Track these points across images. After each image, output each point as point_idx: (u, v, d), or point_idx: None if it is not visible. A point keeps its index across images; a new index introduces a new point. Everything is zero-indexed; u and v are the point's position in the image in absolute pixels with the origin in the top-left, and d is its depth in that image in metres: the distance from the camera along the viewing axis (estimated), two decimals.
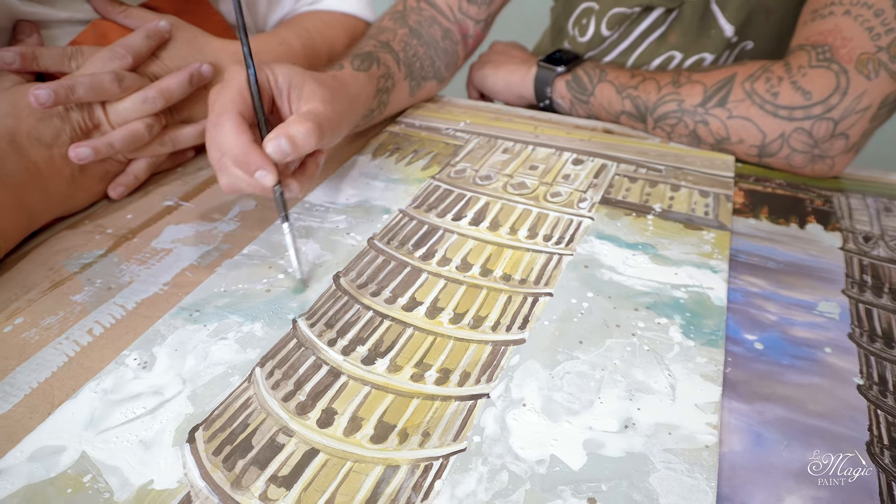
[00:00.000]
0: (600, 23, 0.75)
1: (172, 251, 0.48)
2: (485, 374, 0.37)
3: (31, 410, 0.35)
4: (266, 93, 0.46)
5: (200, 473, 0.31)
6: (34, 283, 0.44)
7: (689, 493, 0.31)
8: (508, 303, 0.43)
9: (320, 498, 0.30)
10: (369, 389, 0.36)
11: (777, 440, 0.34)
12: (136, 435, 0.33)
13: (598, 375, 0.37)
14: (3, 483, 0.31)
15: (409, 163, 0.60)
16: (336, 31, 0.71)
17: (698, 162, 0.61)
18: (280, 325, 0.40)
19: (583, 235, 0.50)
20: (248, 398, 0.36)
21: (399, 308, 0.42)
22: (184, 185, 0.56)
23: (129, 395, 0.35)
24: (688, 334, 0.40)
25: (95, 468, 0.32)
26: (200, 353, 0.38)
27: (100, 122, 0.50)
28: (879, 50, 0.55)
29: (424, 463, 0.32)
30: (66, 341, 0.39)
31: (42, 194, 0.47)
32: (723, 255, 0.48)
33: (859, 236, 0.51)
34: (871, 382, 0.38)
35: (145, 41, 0.52)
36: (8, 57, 0.48)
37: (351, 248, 0.48)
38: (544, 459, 0.32)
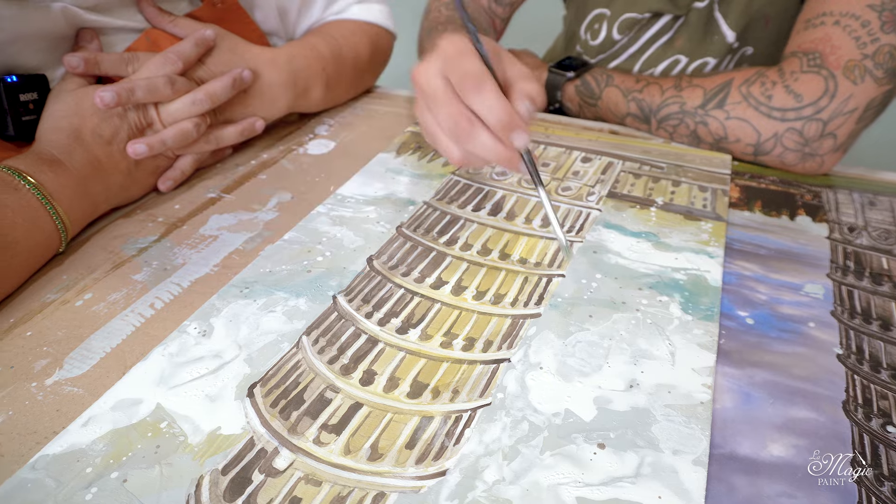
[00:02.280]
0: (612, 27, 0.81)
1: (219, 237, 0.53)
2: (506, 342, 0.42)
3: (108, 371, 0.40)
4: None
5: (261, 422, 0.36)
6: (97, 265, 0.49)
7: (685, 440, 0.36)
8: (525, 282, 0.48)
9: (366, 442, 0.35)
10: (404, 354, 0.41)
11: (764, 398, 0.39)
12: (202, 390, 0.38)
13: (606, 344, 0.42)
14: (92, 427, 0.35)
15: (431, 160, 0.65)
16: (360, 39, 0.76)
17: (697, 160, 0.66)
18: (322, 300, 0.45)
19: (591, 225, 0.54)
20: (297, 361, 0.40)
21: (427, 286, 0.47)
22: (224, 180, 0.61)
23: (193, 358, 0.40)
24: (686, 310, 0.45)
25: (170, 416, 0.36)
26: (252, 323, 0.43)
27: (153, 121, 0.55)
28: (865, 57, 0.60)
29: (455, 415, 0.37)
30: (132, 314, 0.44)
31: (103, 185, 0.52)
32: (719, 242, 0.52)
33: (845, 227, 0.56)
34: (850, 352, 0.42)
35: (193, 48, 0.57)
36: (73, 61, 0.53)
37: (381, 235, 0.52)
38: (559, 412, 0.37)
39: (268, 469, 0.33)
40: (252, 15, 0.68)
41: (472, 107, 0.44)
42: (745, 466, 0.35)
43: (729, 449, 0.36)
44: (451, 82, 0.45)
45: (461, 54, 0.45)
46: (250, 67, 0.61)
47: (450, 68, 0.45)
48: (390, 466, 0.34)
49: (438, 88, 0.45)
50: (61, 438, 0.35)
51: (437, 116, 0.46)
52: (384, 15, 0.79)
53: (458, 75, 0.44)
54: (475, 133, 0.44)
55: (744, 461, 0.35)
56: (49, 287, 0.47)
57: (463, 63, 0.44)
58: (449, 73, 0.45)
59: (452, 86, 0.45)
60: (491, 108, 0.43)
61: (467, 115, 0.44)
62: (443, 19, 0.69)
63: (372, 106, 0.79)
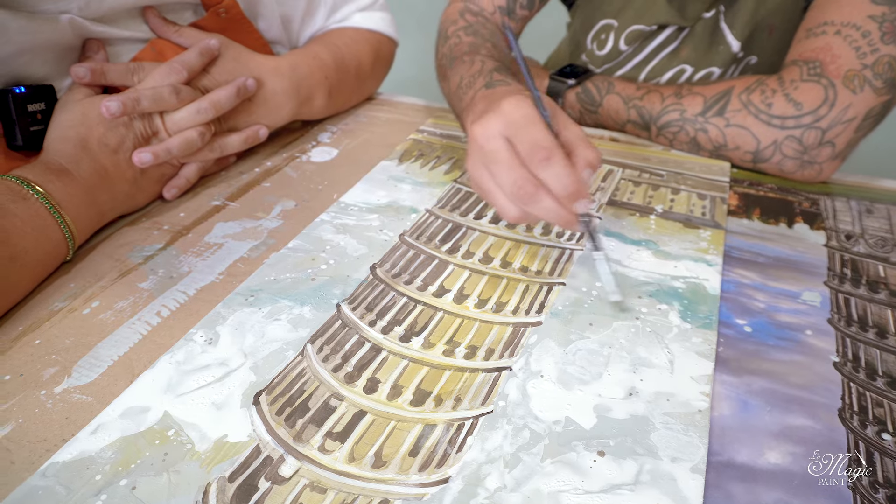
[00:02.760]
0: (619, 38, 0.81)
1: (224, 245, 0.53)
2: (507, 351, 0.43)
3: (115, 378, 0.40)
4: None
5: (266, 429, 0.37)
6: (104, 273, 0.50)
7: (684, 448, 0.36)
8: (526, 291, 0.48)
9: (370, 450, 0.36)
10: (407, 363, 0.42)
11: (761, 406, 0.40)
12: (208, 398, 0.39)
13: (606, 352, 0.43)
14: (101, 435, 0.36)
15: (433, 168, 0.65)
16: (362, 46, 0.77)
17: (697, 168, 0.66)
18: (326, 308, 0.46)
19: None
20: (302, 369, 0.41)
21: (430, 294, 0.48)
22: (228, 188, 0.62)
23: (200, 366, 0.41)
24: (685, 318, 0.46)
25: (177, 424, 0.37)
26: (258, 331, 0.44)
27: (158, 130, 0.56)
28: (865, 67, 0.61)
29: (458, 422, 0.38)
30: (139, 322, 0.45)
31: (109, 194, 0.53)
32: (718, 250, 0.53)
33: (842, 235, 0.56)
34: (846, 360, 0.43)
35: (198, 58, 0.58)
36: (80, 72, 0.54)
37: (384, 243, 0.53)
38: (560, 420, 0.38)
39: (274, 476, 0.34)
40: (256, 24, 0.69)
41: (539, 175, 0.45)
42: (742, 474, 0.35)
43: (727, 456, 0.36)
44: (513, 145, 0.46)
45: (528, 121, 0.46)
46: (254, 76, 0.62)
47: (515, 133, 0.46)
48: (394, 474, 0.35)
49: (501, 150, 0.46)
50: (71, 446, 0.35)
51: (498, 178, 0.47)
52: (386, 23, 0.80)
53: (528, 144, 0.45)
54: (539, 198, 0.45)
55: (741, 468, 0.36)
56: (57, 295, 0.47)
57: (531, 132, 0.45)
58: (513, 137, 0.46)
59: (515, 149, 0.46)
60: (559, 178, 0.45)
61: (532, 182, 0.45)
62: (465, 47, 0.69)
63: (374, 113, 0.80)
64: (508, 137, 0.46)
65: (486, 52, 0.66)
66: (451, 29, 0.75)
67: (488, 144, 0.47)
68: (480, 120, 0.48)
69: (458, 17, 0.76)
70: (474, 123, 0.49)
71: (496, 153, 0.46)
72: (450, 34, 0.74)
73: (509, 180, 0.46)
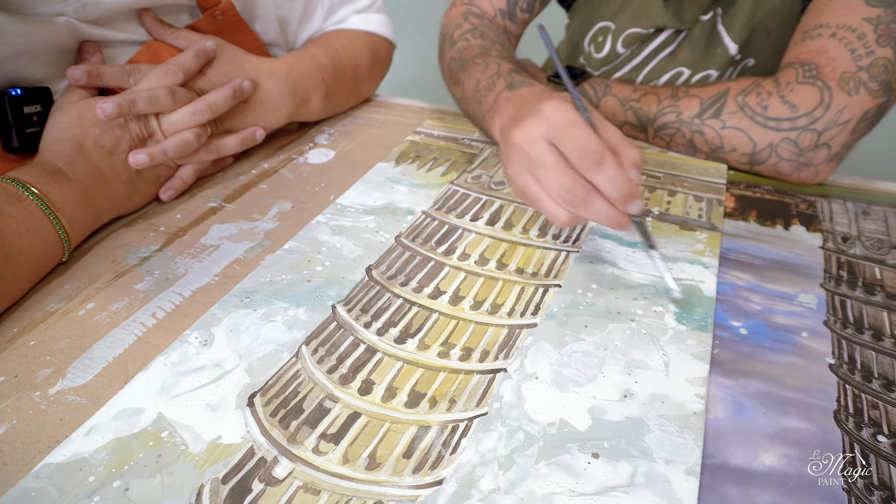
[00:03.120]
0: (616, 41, 0.81)
1: (220, 247, 0.53)
2: (502, 352, 0.43)
3: (110, 380, 0.40)
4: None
5: (260, 431, 0.37)
6: (100, 274, 0.50)
7: (678, 450, 0.36)
8: (522, 292, 0.48)
9: (364, 451, 0.36)
10: (402, 364, 0.42)
11: (756, 409, 0.39)
12: (203, 399, 0.39)
13: (602, 354, 0.43)
14: (94, 436, 0.36)
15: (430, 169, 0.65)
16: (360, 48, 0.77)
17: (693, 170, 0.66)
18: (321, 310, 0.46)
19: (588, 235, 0.55)
20: (297, 371, 0.41)
21: (425, 296, 0.47)
22: (225, 189, 0.62)
23: (194, 368, 0.41)
24: (680, 320, 0.46)
25: (171, 426, 0.37)
26: (253, 333, 0.44)
27: (154, 132, 0.56)
28: (860, 70, 0.61)
29: (452, 424, 0.38)
30: (134, 323, 0.45)
31: (105, 195, 0.53)
32: (714, 252, 0.53)
33: (838, 237, 0.56)
34: (842, 362, 0.43)
35: (194, 59, 0.58)
36: (76, 74, 0.54)
37: (380, 245, 0.53)
38: (554, 422, 0.38)
39: (267, 478, 0.34)
40: (252, 26, 0.69)
41: (591, 179, 0.45)
42: (737, 476, 0.35)
43: (721, 459, 0.36)
44: (559, 150, 0.46)
45: (573, 125, 0.46)
46: (250, 78, 0.62)
47: (561, 138, 0.46)
48: (388, 475, 0.35)
49: (547, 156, 0.46)
50: (64, 447, 0.35)
51: (546, 182, 0.47)
52: (383, 25, 0.80)
53: (577, 149, 0.45)
54: (591, 202, 0.45)
55: (736, 471, 0.36)
56: (52, 296, 0.47)
57: (578, 135, 0.45)
58: (560, 142, 0.46)
59: (562, 154, 0.46)
60: (612, 181, 0.45)
61: (584, 185, 0.45)
62: (475, 50, 0.69)
63: (371, 115, 0.80)
64: (553, 141, 0.46)
65: (497, 54, 0.67)
66: (456, 33, 0.75)
67: (532, 149, 0.47)
68: (521, 124, 0.48)
69: (461, 20, 0.76)
70: (514, 128, 0.49)
71: (542, 157, 0.46)
72: (456, 38, 0.74)
73: (558, 184, 0.46)
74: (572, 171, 0.46)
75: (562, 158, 0.46)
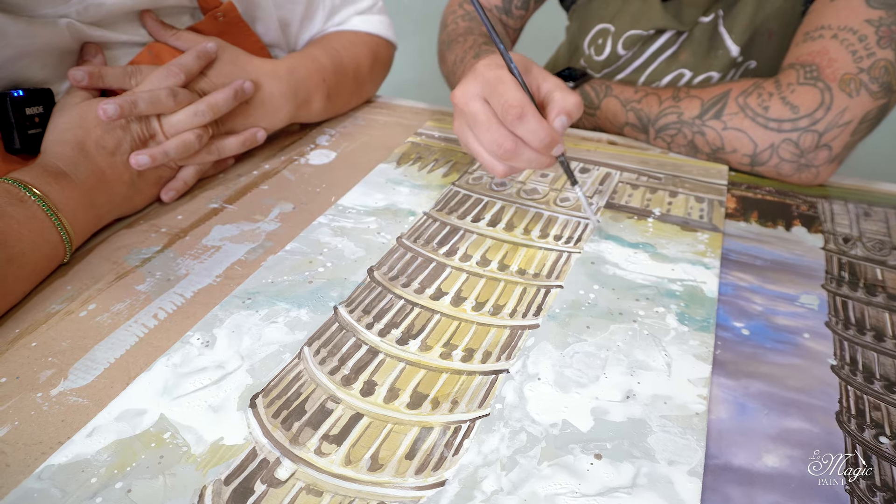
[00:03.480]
0: (616, 43, 0.82)
1: (221, 248, 0.53)
2: (504, 353, 0.43)
3: (112, 381, 0.40)
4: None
5: (263, 432, 0.37)
6: (101, 275, 0.50)
7: (681, 451, 0.36)
8: (524, 294, 0.48)
9: (367, 452, 0.36)
10: (404, 365, 0.42)
11: (758, 409, 0.39)
12: (205, 401, 0.39)
13: (604, 355, 0.43)
14: (97, 438, 0.36)
15: (431, 170, 0.65)
16: (361, 49, 0.77)
17: (695, 171, 0.66)
18: (323, 311, 0.46)
19: (589, 236, 0.55)
20: (299, 372, 0.41)
21: (427, 297, 0.47)
22: (226, 190, 0.62)
23: (196, 369, 0.41)
24: (682, 321, 0.46)
25: (173, 427, 0.37)
26: (255, 334, 0.44)
27: (155, 133, 0.56)
28: (861, 71, 0.61)
29: (454, 425, 0.38)
30: (136, 324, 0.45)
31: (107, 196, 0.53)
32: (715, 253, 0.53)
33: (839, 238, 0.56)
34: (844, 363, 0.43)
35: (195, 61, 0.58)
36: (78, 75, 0.54)
37: (382, 246, 0.53)
38: (557, 423, 0.38)
39: (270, 479, 0.34)
40: (254, 27, 0.69)
41: (515, 132, 0.49)
42: (739, 477, 0.35)
43: (724, 459, 0.36)
44: (491, 106, 0.49)
45: (500, 81, 0.49)
46: (252, 79, 0.62)
47: (490, 94, 0.49)
48: (390, 477, 0.35)
49: (479, 112, 0.50)
50: (66, 449, 0.35)
51: (481, 138, 0.51)
52: (385, 26, 0.80)
53: (501, 104, 0.48)
54: (519, 152, 0.49)
55: (739, 472, 0.36)
56: (54, 298, 0.47)
57: (504, 92, 0.48)
58: (490, 98, 0.49)
59: (493, 110, 0.49)
60: (534, 132, 0.48)
61: (511, 139, 0.49)
62: (461, 31, 0.73)
63: (373, 116, 0.80)
64: (486, 98, 0.50)
65: (479, 33, 0.69)
66: (449, 18, 0.77)
67: (467, 107, 0.50)
68: (461, 84, 0.52)
69: (456, 7, 0.79)
70: (456, 89, 0.52)
71: (476, 115, 0.50)
72: (448, 22, 0.77)
73: (490, 139, 0.49)
74: (501, 125, 0.49)
75: (493, 114, 0.49)
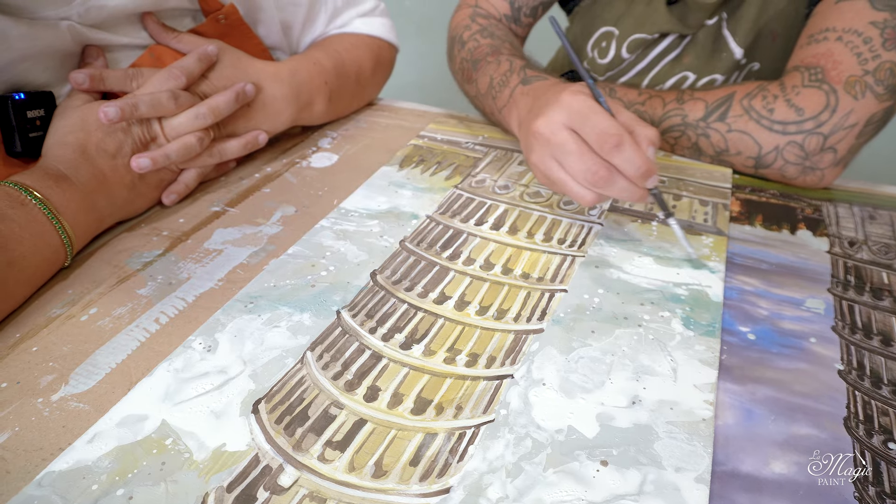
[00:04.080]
0: (621, 47, 0.81)
1: (223, 251, 0.53)
2: (509, 358, 0.42)
3: (113, 386, 0.40)
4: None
5: (266, 438, 0.36)
6: (102, 279, 0.49)
7: (688, 457, 0.36)
8: (528, 298, 0.48)
9: (370, 459, 0.35)
10: (408, 370, 0.41)
11: (765, 415, 0.39)
12: (207, 406, 0.38)
13: (609, 360, 0.42)
14: (98, 444, 0.36)
15: (434, 173, 0.65)
16: (363, 52, 0.76)
17: (698, 174, 0.66)
18: (326, 315, 0.46)
19: (593, 239, 0.55)
20: (302, 377, 0.41)
21: (430, 301, 0.47)
22: (228, 193, 0.62)
23: (198, 374, 0.41)
24: (688, 326, 0.45)
25: (175, 433, 0.37)
26: (257, 338, 0.43)
27: (156, 136, 0.56)
28: (866, 73, 0.60)
29: (459, 431, 0.37)
30: (137, 329, 0.45)
31: (108, 199, 0.52)
32: (720, 257, 0.53)
33: (845, 241, 0.56)
34: (851, 368, 0.43)
35: (197, 63, 0.58)
36: (79, 78, 0.53)
37: (384, 249, 0.53)
38: (562, 429, 0.37)
39: (273, 486, 0.34)
40: (255, 30, 0.69)
41: (612, 160, 0.49)
42: (747, 484, 0.35)
43: (731, 466, 0.36)
44: (580, 136, 0.50)
45: (591, 111, 0.50)
46: (253, 81, 0.62)
47: (581, 125, 0.50)
48: (394, 484, 0.34)
49: (569, 141, 0.50)
50: (67, 455, 0.35)
51: (571, 167, 0.51)
52: (387, 28, 0.80)
53: (597, 134, 0.49)
54: (613, 181, 0.49)
55: (746, 478, 0.35)
56: (55, 302, 0.47)
57: (596, 121, 0.49)
58: (579, 128, 0.50)
59: (582, 139, 0.50)
60: (631, 161, 0.48)
61: (606, 167, 0.49)
62: (486, 50, 0.72)
63: (375, 119, 0.80)
64: (573, 128, 0.50)
65: (508, 52, 0.69)
66: (466, 34, 0.76)
67: (555, 137, 0.50)
68: (542, 114, 0.52)
69: (469, 21, 0.77)
70: (535, 119, 0.52)
71: (565, 144, 0.50)
72: (466, 38, 0.75)
73: (583, 168, 0.49)
74: (594, 154, 0.49)
75: (583, 143, 0.49)
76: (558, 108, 0.51)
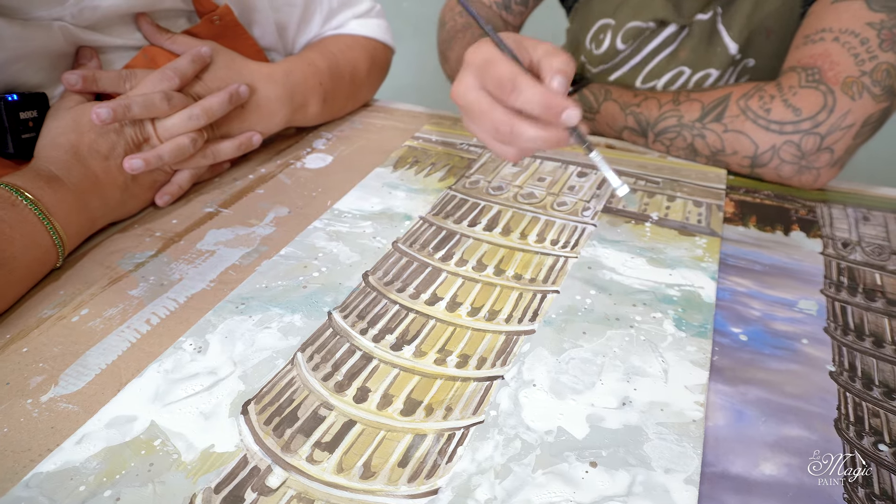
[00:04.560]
0: (616, 36, 0.81)
1: (216, 252, 0.53)
2: (499, 359, 0.42)
3: (103, 387, 0.40)
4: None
5: (254, 439, 0.36)
6: (94, 280, 0.49)
7: (677, 458, 0.36)
8: (520, 299, 0.48)
9: (359, 460, 0.35)
10: (398, 371, 0.41)
11: (756, 416, 0.39)
12: (196, 407, 0.38)
13: (600, 361, 0.42)
14: (86, 445, 0.36)
15: (428, 174, 0.65)
16: (358, 53, 0.76)
17: (693, 175, 0.66)
18: (317, 316, 0.46)
19: (586, 240, 0.55)
20: (291, 378, 0.41)
21: (422, 302, 0.47)
22: (221, 194, 0.62)
23: (188, 375, 0.41)
24: (680, 327, 0.45)
25: (164, 434, 0.37)
26: (248, 340, 0.43)
27: (149, 137, 0.56)
28: (863, 74, 0.60)
29: (448, 432, 0.37)
30: (128, 329, 0.45)
31: (100, 201, 0.52)
32: (713, 258, 0.53)
33: (838, 242, 0.56)
34: (842, 369, 0.43)
35: (190, 64, 0.58)
36: (72, 79, 0.53)
37: (377, 251, 0.53)
38: (552, 430, 0.37)
39: (260, 487, 0.34)
40: (250, 31, 0.69)
41: (514, 107, 0.46)
42: (736, 485, 0.35)
43: (721, 467, 0.36)
44: (488, 92, 0.47)
45: (489, 62, 0.47)
46: (247, 82, 0.62)
47: (483, 79, 0.47)
48: (382, 485, 0.34)
49: (474, 101, 0.48)
50: (55, 456, 0.35)
51: (482, 127, 0.49)
52: (382, 30, 0.80)
53: (493, 84, 0.46)
54: (518, 131, 0.46)
55: (736, 480, 0.35)
56: (46, 303, 0.47)
57: (494, 70, 0.46)
58: (484, 83, 0.47)
59: (489, 95, 0.47)
60: (529, 100, 0.45)
61: (505, 120, 0.46)
62: (459, 27, 0.72)
63: (370, 120, 0.80)
64: (481, 86, 0.48)
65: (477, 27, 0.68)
66: (447, 15, 0.77)
67: (464, 99, 0.49)
68: (456, 80, 0.50)
69: (454, 4, 0.78)
70: (453, 87, 0.50)
71: (471, 105, 0.48)
72: (447, 20, 0.76)
73: (489, 126, 0.47)
74: (498, 107, 0.47)
75: (490, 100, 0.47)
76: (465, 69, 0.49)
